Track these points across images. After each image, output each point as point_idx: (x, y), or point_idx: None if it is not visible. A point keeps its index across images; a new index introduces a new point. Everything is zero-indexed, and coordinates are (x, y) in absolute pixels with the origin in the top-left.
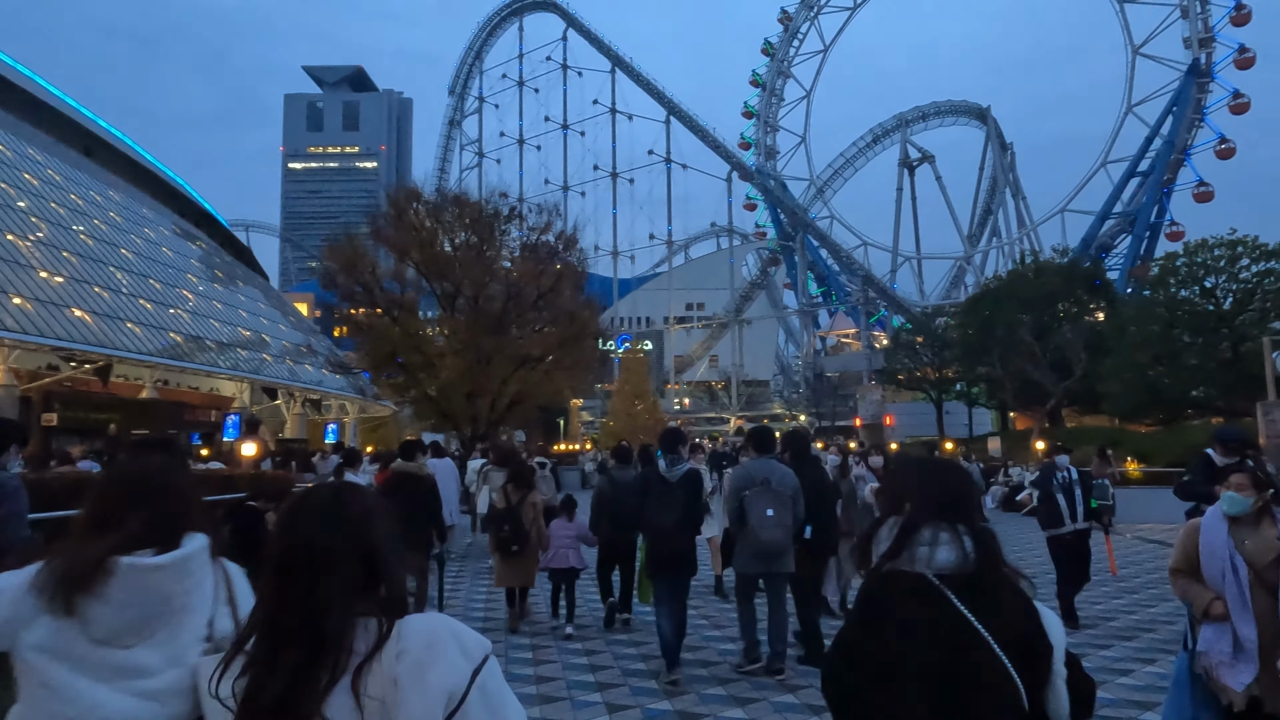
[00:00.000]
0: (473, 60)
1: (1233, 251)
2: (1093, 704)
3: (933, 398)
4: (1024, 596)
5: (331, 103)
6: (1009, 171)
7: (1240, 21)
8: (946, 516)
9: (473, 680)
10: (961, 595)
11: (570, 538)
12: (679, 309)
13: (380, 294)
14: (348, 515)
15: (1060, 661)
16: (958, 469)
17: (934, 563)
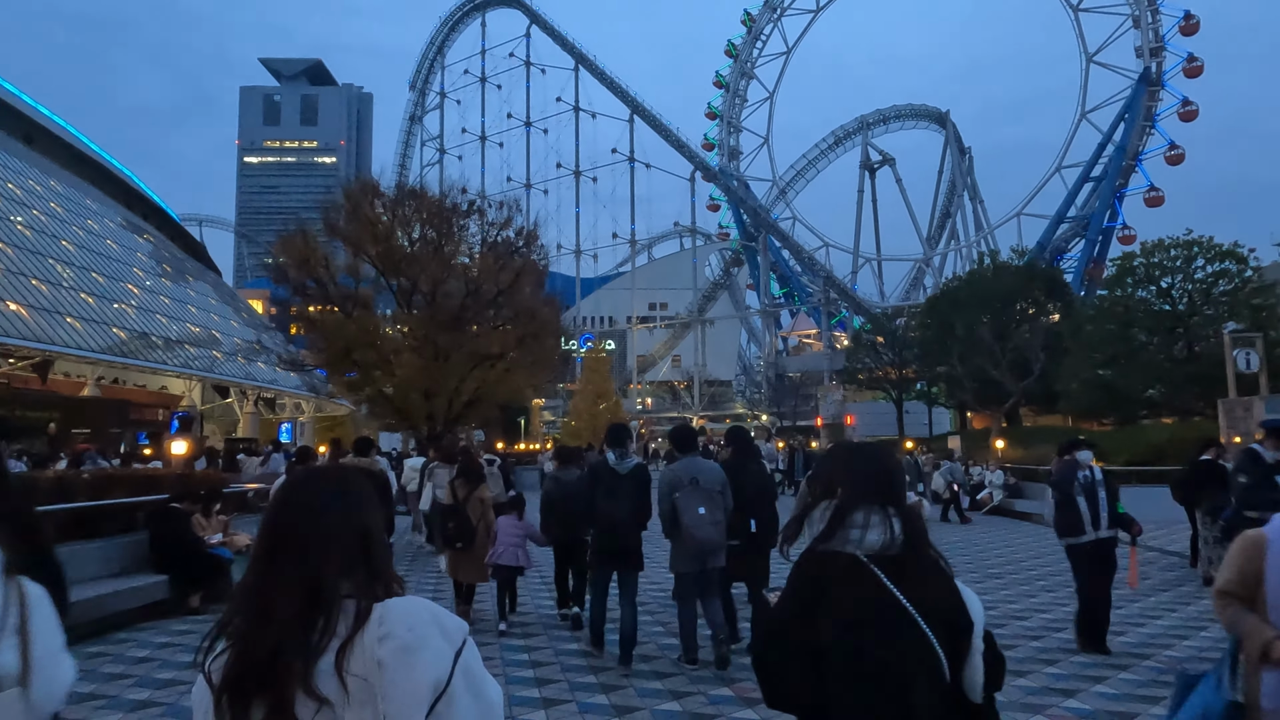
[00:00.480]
0: (434, 55)
1: (1188, 252)
2: (1002, 678)
3: (893, 397)
4: (947, 575)
5: (289, 96)
6: (967, 175)
7: (1189, 31)
8: (877, 500)
9: (455, 663)
10: (890, 574)
11: (518, 536)
12: (642, 309)
13: (334, 289)
14: (348, 493)
15: (979, 637)
16: (887, 455)
17: (864, 544)
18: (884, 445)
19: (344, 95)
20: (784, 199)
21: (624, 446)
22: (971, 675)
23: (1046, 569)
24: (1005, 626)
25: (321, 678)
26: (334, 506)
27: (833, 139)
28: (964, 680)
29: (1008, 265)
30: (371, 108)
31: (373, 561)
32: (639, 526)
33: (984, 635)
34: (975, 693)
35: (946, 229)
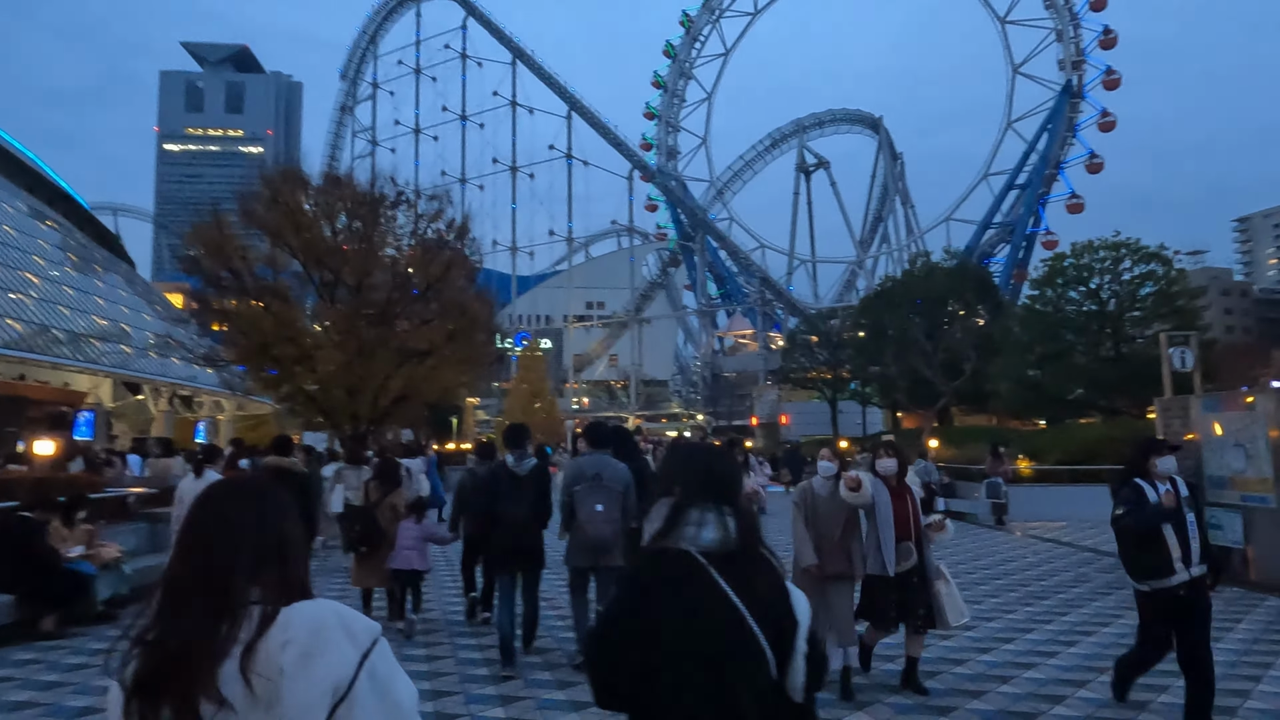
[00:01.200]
0: (367, 44)
1: (1116, 253)
2: (824, 678)
3: (827, 397)
4: (778, 574)
5: (213, 82)
6: (899, 180)
7: (1108, 45)
8: (712, 498)
9: (360, 666)
10: (723, 571)
11: (414, 539)
12: (579, 308)
13: (251, 280)
14: (265, 501)
15: (804, 638)
16: (722, 454)
17: (699, 541)
18: (718, 446)
19: (272, 83)
20: (721, 200)
21: (523, 448)
22: (794, 676)
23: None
24: (975, 629)
25: (226, 681)
26: (249, 514)
27: (769, 141)
28: (787, 680)
29: (939, 266)
30: (301, 97)
31: (287, 569)
32: (539, 527)
33: (808, 637)
34: (797, 693)
35: (879, 232)
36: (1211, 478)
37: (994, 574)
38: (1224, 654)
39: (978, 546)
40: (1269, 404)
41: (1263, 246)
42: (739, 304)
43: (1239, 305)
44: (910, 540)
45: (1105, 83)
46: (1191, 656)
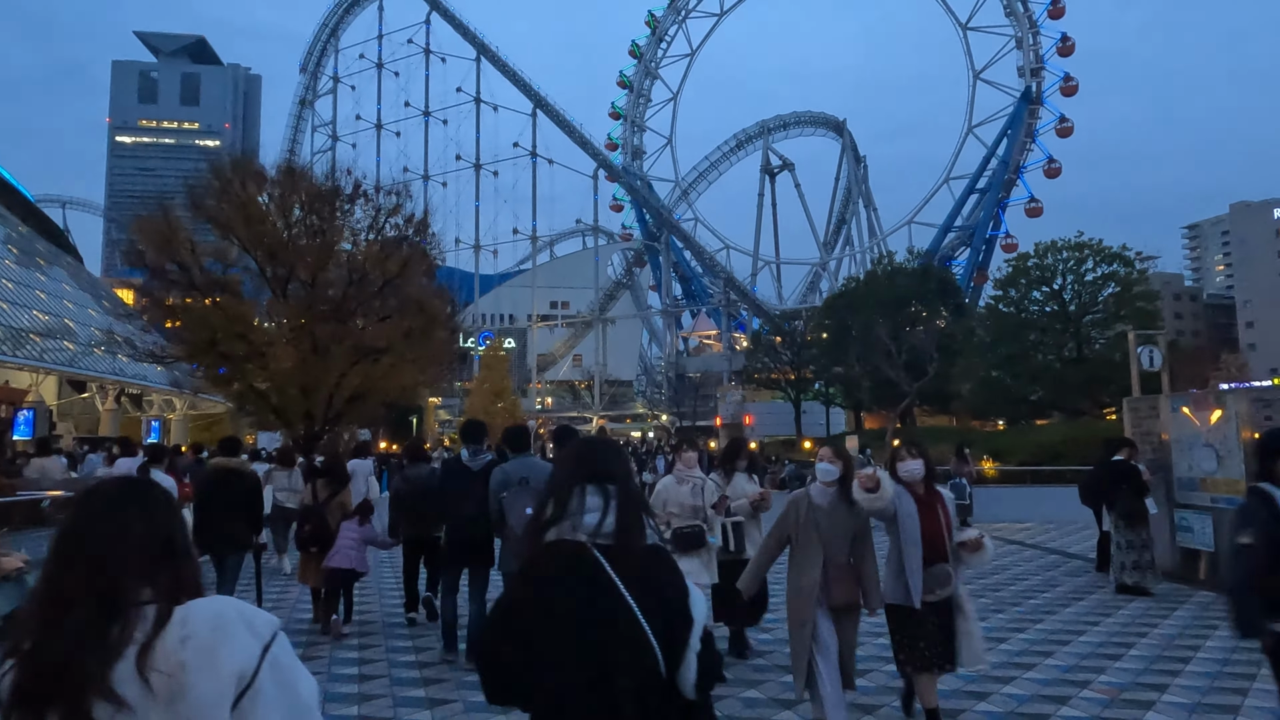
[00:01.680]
0: (327, 37)
1: (1079, 254)
2: (716, 677)
3: (791, 397)
4: (674, 570)
5: (168, 73)
6: (862, 183)
7: (1065, 52)
8: (593, 481)
9: (263, 657)
10: (615, 564)
11: (355, 540)
12: (543, 307)
13: (199, 274)
14: (148, 500)
15: (697, 636)
16: (615, 446)
17: (590, 530)
18: (610, 439)
19: (229, 75)
20: (686, 200)
21: (479, 444)
22: (685, 673)
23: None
24: None
25: (121, 682)
26: (132, 514)
27: (735, 142)
28: (679, 677)
29: (903, 267)
30: (260, 90)
31: (179, 566)
32: (489, 523)
33: (702, 635)
34: (689, 690)
35: (842, 235)
36: (1180, 479)
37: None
38: (1205, 665)
39: None
40: (1241, 405)
41: (1211, 253)
42: (703, 304)
43: (1189, 310)
44: (945, 561)
45: (1063, 89)
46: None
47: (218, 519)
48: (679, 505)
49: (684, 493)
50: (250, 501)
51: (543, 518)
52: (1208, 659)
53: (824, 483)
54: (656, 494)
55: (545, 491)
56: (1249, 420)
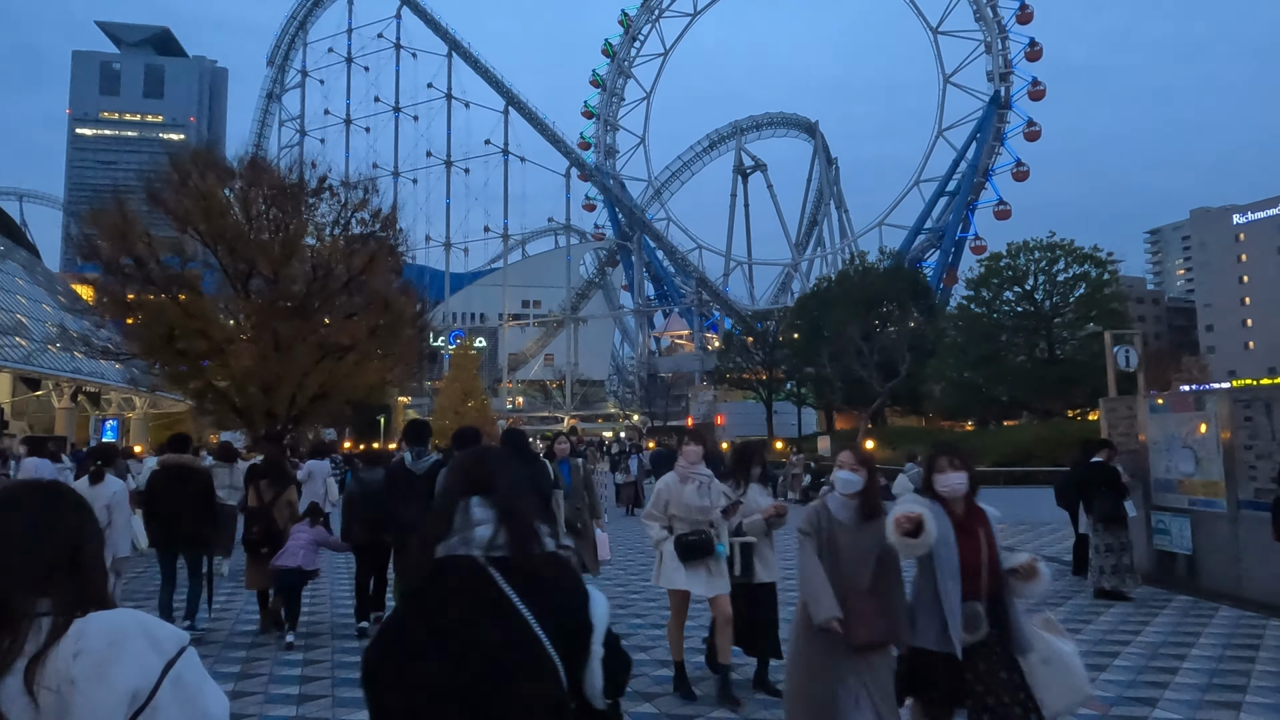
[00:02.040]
0: (296, 30)
1: (1051, 254)
2: (624, 683)
3: (763, 398)
4: (572, 575)
5: (131, 65)
6: (834, 185)
7: (1033, 57)
8: (483, 495)
9: (164, 674)
10: (508, 575)
11: (306, 541)
12: (514, 306)
13: (156, 268)
14: (50, 505)
15: (599, 642)
16: (502, 457)
17: (482, 544)
18: (502, 448)
19: (194, 68)
20: (659, 200)
21: (423, 445)
22: (590, 681)
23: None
24: None
25: (7, 699)
26: (32, 520)
27: (708, 142)
28: (585, 686)
29: (874, 267)
30: (226, 84)
31: (81, 577)
32: None
33: (606, 640)
34: (597, 699)
35: (814, 236)
36: (1158, 481)
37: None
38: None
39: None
40: (1220, 405)
41: (1172, 257)
42: (676, 304)
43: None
44: (979, 599)
45: (1031, 93)
46: None
47: (168, 517)
48: (682, 507)
49: (688, 493)
50: (203, 499)
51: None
52: (1196, 669)
53: (844, 495)
54: (657, 494)
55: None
56: (1229, 422)
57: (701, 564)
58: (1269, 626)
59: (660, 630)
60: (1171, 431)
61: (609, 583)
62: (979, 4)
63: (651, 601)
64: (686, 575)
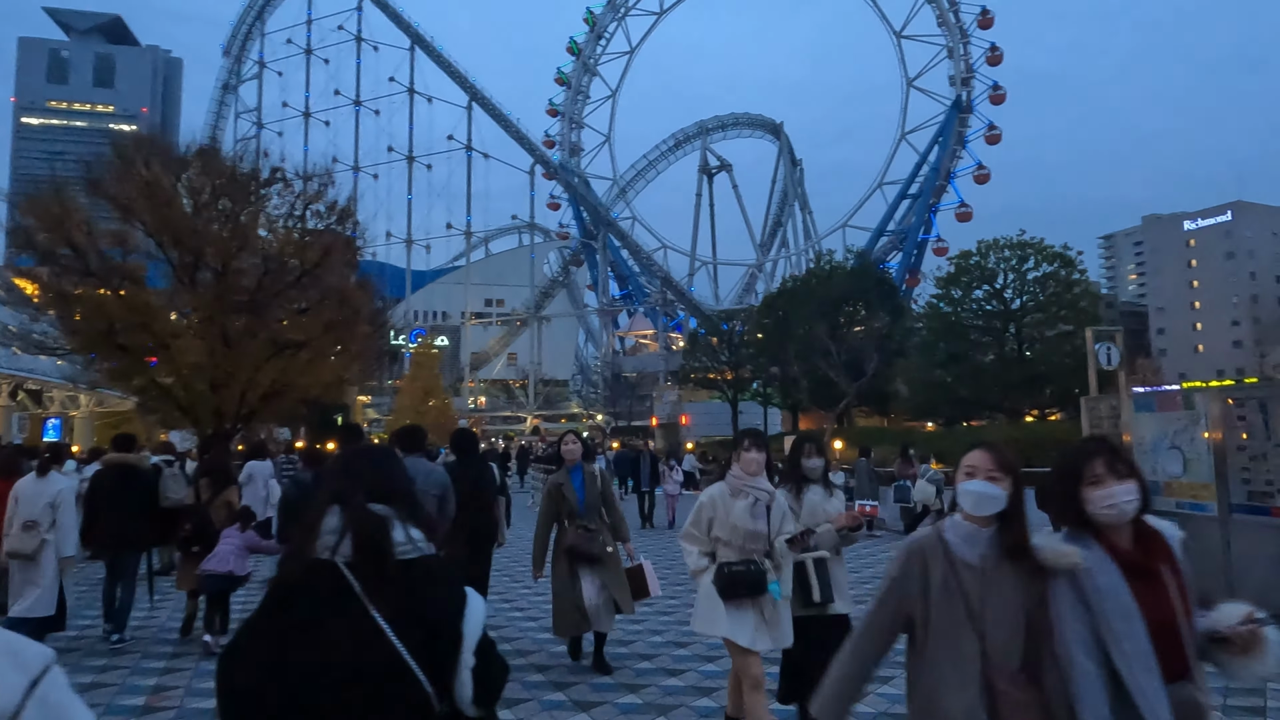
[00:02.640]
0: (253, 20)
1: (1021, 253)
2: (498, 692)
3: (728, 397)
4: (444, 583)
5: (80, 53)
6: (798, 186)
7: (994, 62)
8: (341, 502)
9: (29, 694)
10: (369, 583)
11: (234, 545)
12: (477, 304)
13: (97, 260)
14: None
15: (469, 651)
16: (381, 457)
17: (341, 550)
18: (383, 448)
19: (148, 57)
20: (624, 198)
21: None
22: (460, 691)
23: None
24: None
25: None
26: None
27: (673, 141)
28: (455, 696)
29: (841, 266)
30: (181, 74)
31: None
32: None
33: (479, 648)
34: (468, 708)
35: (778, 237)
36: None
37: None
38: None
39: (888, 558)
40: (1211, 404)
41: (1124, 262)
42: (640, 304)
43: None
44: (1188, 677)
45: (992, 97)
46: None
47: (112, 518)
48: (729, 529)
49: (738, 511)
50: (149, 499)
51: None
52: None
53: (974, 519)
54: (698, 510)
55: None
56: (1220, 422)
57: (750, 604)
58: None
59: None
60: (1158, 431)
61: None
62: (942, 9)
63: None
64: (729, 619)
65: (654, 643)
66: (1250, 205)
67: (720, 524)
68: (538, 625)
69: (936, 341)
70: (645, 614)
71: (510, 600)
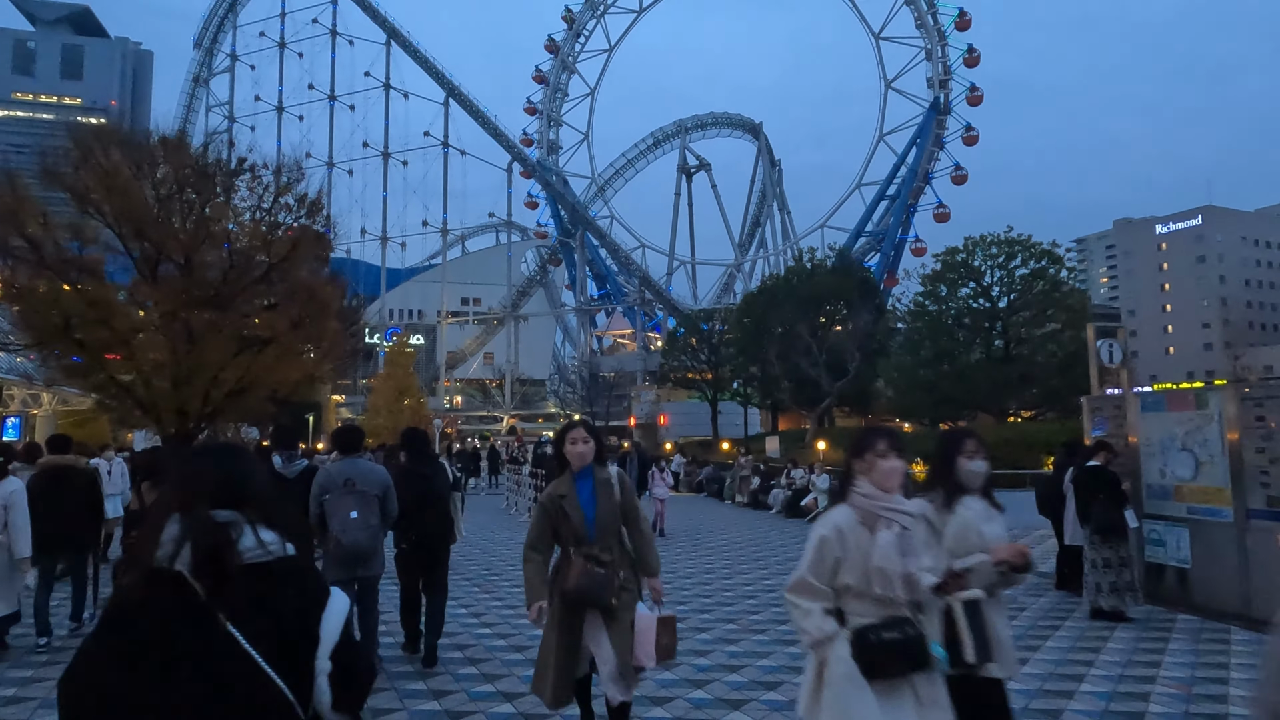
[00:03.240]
0: (225, 11)
1: (1010, 249)
2: (362, 697)
3: (708, 397)
4: (300, 584)
5: (47, 43)
6: (777, 186)
7: (971, 63)
8: (218, 506)
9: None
10: (216, 591)
11: None
12: (453, 303)
13: (53, 251)
14: None
15: (325, 657)
16: (227, 457)
17: (182, 557)
18: (235, 445)
19: (117, 49)
20: (602, 196)
21: (293, 449)
22: (318, 696)
23: None
24: None
25: None
26: None
27: (652, 140)
28: (315, 701)
29: (822, 264)
30: (151, 67)
31: None
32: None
33: (337, 653)
34: (327, 713)
35: (756, 237)
36: (1151, 487)
37: None
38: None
39: None
40: (1227, 403)
41: (1096, 265)
42: (618, 303)
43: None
44: None
45: (969, 98)
46: None
47: (50, 520)
48: (868, 573)
49: (882, 547)
50: (88, 500)
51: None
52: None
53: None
54: (819, 547)
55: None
56: (1236, 422)
57: (905, 685)
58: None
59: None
60: (1167, 432)
61: None
62: (920, 10)
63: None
64: (880, 708)
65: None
66: (1220, 210)
67: (852, 568)
68: (507, 645)
69: (922, 340)
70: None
71: (478, 614)
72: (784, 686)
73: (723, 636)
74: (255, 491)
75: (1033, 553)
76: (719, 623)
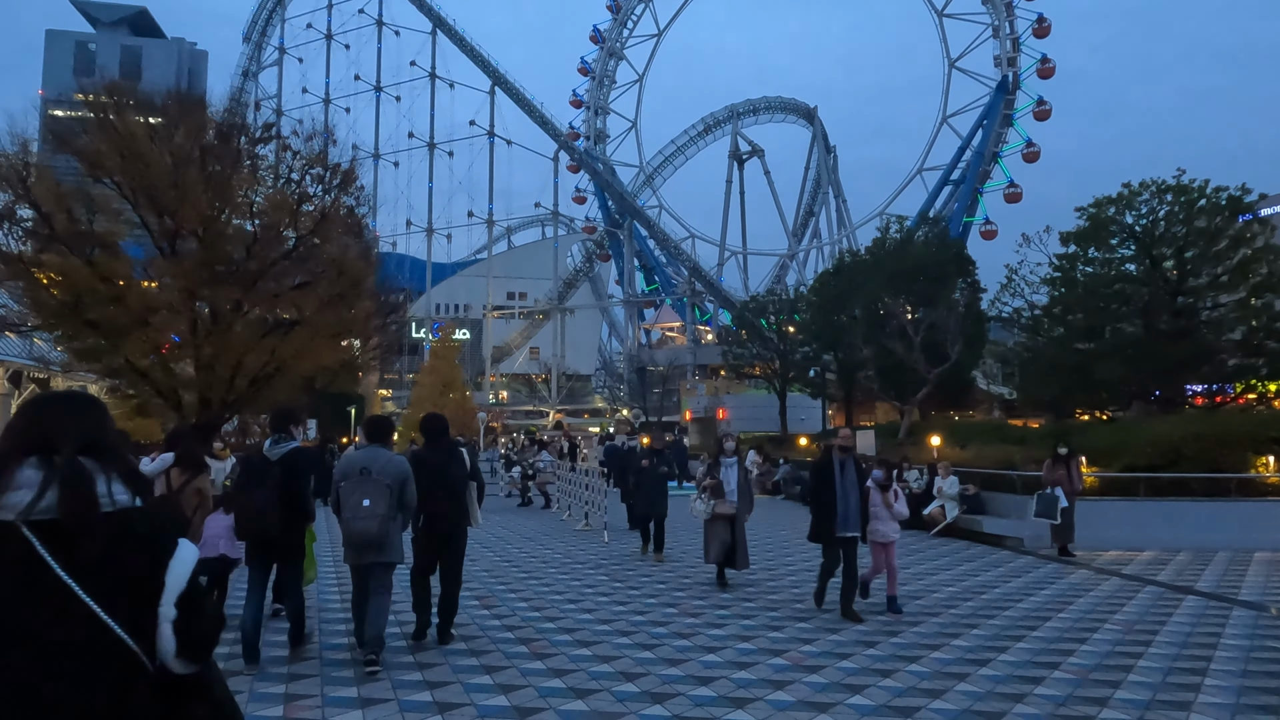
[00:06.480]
0: (274, 5)
1: (1189, 196)
2: (207, 645)
3: (776, 389)
4: (144, 534)
5: (107, 45)
6: (832, 173)
7: (1041, 34)
8: (40, 453)
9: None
10: (52, 542)
11: (225, 527)
12: (499, 297)
13: (64, 222)
14: None
15: (169, 603)
16: (82, 405)
17: (18, 508)
18: (68, 394)
19: (173, 50)
20: (651, 186)
21: (285, 431)
22: (161, 644)
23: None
24: None
25: None
26: None
27: (702, 126)
28: (160, 650)
29: (913, 234)
30: (205, 67)
31: None
32: (293, 514)
33: (182, 599)
34: (171, 661)
35: (810, 226)
36: None
37: (1095, 648)
38: None
39: (1037, 590)
40: None
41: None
42: (667, 295)
43: None
44: None
45: (1040, 71)
46: None
47: None
48: None
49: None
50: None
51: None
52: None
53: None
54: None
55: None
56: None
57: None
58: None
59: None
60: None
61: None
62: None
63: None
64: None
65: None
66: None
67: None
68: (541, 616)
69: (1064, 314)
70: None
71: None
72: None
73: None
74: (109, 442)
75: None
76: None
